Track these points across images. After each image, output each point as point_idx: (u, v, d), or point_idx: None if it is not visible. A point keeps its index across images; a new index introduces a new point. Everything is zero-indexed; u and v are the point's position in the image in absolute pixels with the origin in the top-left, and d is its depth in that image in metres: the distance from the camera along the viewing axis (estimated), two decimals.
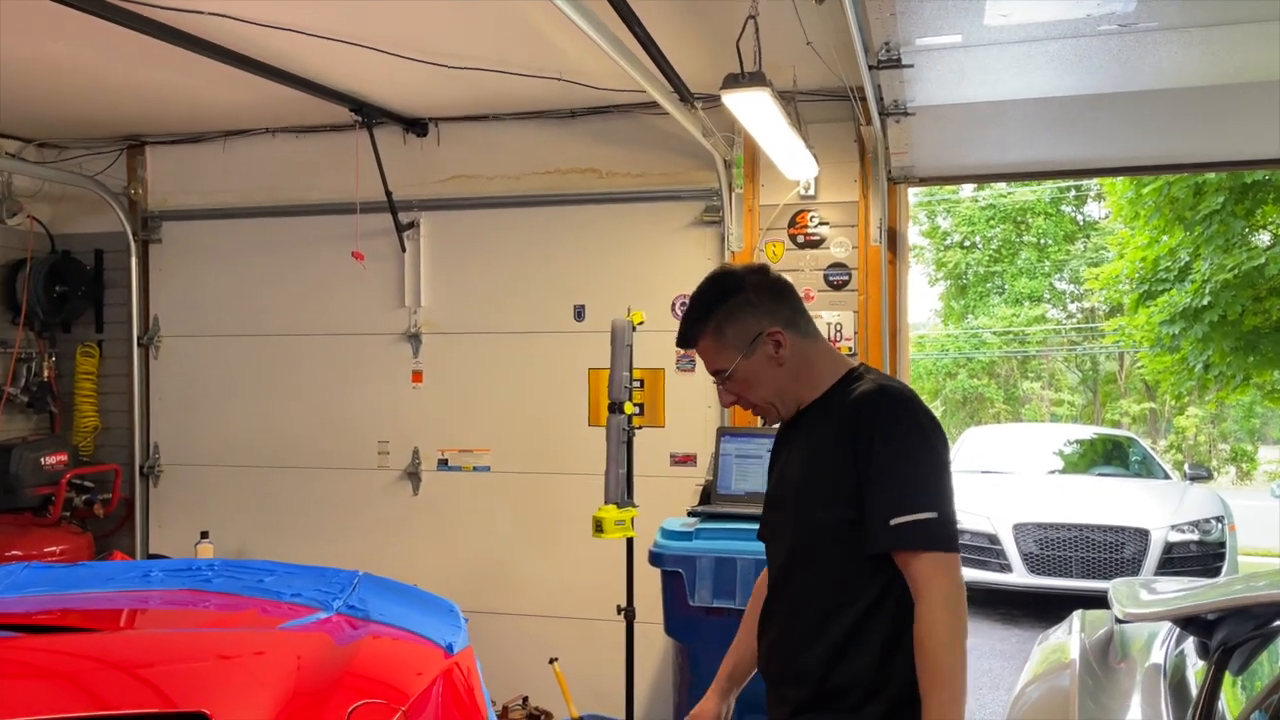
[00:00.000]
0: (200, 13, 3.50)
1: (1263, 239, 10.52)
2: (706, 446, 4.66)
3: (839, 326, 4.59)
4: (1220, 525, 7.78)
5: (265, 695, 1.83)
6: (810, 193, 4.64)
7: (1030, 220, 23.02)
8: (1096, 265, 18.99)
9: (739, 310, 1.97)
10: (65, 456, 5.16)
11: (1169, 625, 2.72)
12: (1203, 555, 7.60)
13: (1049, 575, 7.63)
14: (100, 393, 5.60)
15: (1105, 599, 2.93)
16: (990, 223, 23.10)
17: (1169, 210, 10.59)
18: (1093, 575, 7.43)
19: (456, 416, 5.15)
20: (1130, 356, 22.51)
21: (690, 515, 4.13)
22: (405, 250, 5.15)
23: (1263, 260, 9.87)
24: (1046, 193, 22.32)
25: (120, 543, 5.47)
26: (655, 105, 4.06)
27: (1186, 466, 9.76)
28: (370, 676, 2.07)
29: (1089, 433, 11.86)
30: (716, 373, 2.01)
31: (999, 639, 7.13)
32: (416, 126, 5.12)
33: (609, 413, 3.76)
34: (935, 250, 24.14)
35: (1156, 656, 2.64)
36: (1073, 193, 22.67)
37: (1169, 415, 24.86)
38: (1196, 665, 2.42)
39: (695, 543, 3.83)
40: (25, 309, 5.40)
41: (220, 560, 2.98)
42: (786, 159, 4.23)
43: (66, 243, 5.63)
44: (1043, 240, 23.16)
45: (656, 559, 3.85)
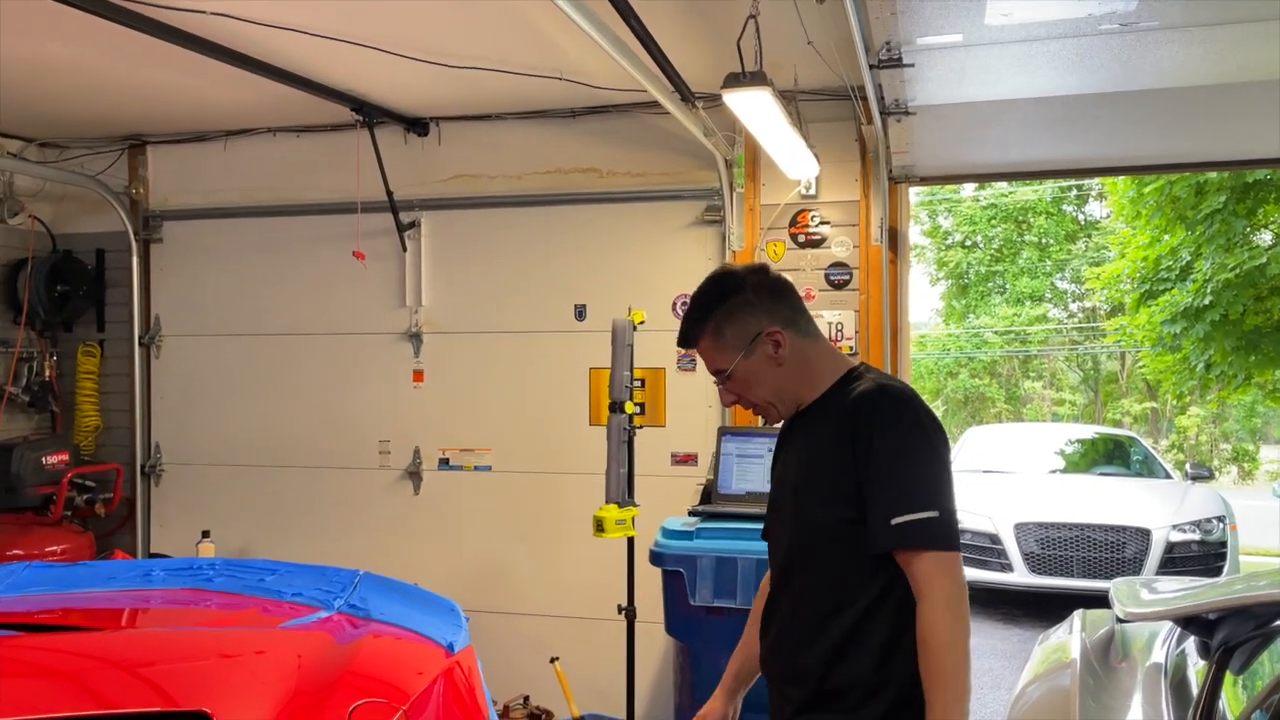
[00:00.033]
0: (202, 12, 3.50)
1: (1264, 238, 10.52)
2: (707, 446, 4.66)
3: (840, 326, 4.59)
4: (1222, 525, 7.77)
5: (266, 694, 1.83)
6: (811, 192, 4.65)
7: (1031, 219, 23.01)
8: (1098, 265, 18.99)
9: (739, 310, 1.97)
10: (66, 456, 5.16)
11: (1170, 625, 2.72)
12: (1204, 555, 7.59)
13: (1050, 575, 7.63)
14: (101, 392, 5.60)
15: (1106, 599, 2.93)
16: (991, 222, 23.09)
17: (1170, 210, 10.58)
18: (1094, 575, 7.42)
19: (457, 416, 5.15)
20: (1132, 356, 22.51)
21: (691, 515, 4.13)
22: (406, 250, 5.15)
23: (1264, 260, 9.87)
24: (1048, 192, 22.31)
25: (121, 542, 5.47)
26: (656, 105, 4.06)
27: (1188, 466, 9.74)
28: (371, 675, 2.07)
29: (1090, 432, 11.85)
30: (716, 372, 2.02)
31: (1000, 638, 7.13)
32: (418, 126, 5.13)
33: (610, 412, 3.76)
34: (936, 250, 24.15)
35: (1157, 656, 2.64)
36: (1074, 192, 22.66)
37: (1170, 415, 24.85)
38: (1197, 665, 2.42)
39: (696, 542, 3.83)
40: (27, 308, 5.41)
41: (221, 559, 2.98)
42: (787, 158, 4.23)
43: (68, 242, 5.64)
44: (1044, 240, 23.15)
45: (657, 558, 3.85)
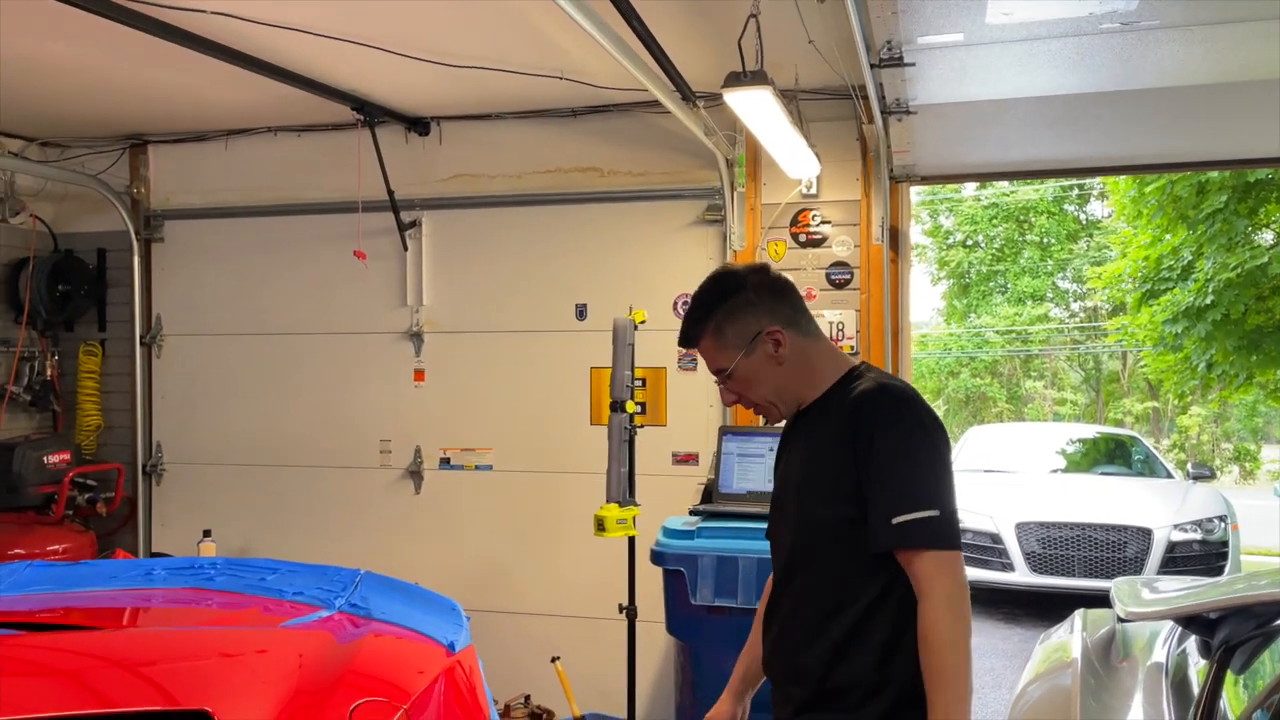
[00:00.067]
0: (203, 12, 3.50)
1: (1266, 238, 10.51)
2: (708, 445, 4.66)
3: (841, 325, 4.59)
4: (1223, 524, 7.77)
5: (267, 693, 1.84)
6: (812, 191, 4.64)
7: (1033, 219, 23.00)
8: (1099, 264, 18.97)
9: (739, 310, 1.97)
10: (68, 455, 5.17)
11: (1171, 624, 2.72)
12: (1205, 554, 7.59)
13: (1051, 574, 7.62)
14: (103, 391, 5.61)
15: (1108, 598, 2.93)
16: (993, 221, 23.08)
17: (1172, 209, 10.57)
18: (1095, 574, 7.42)
19: (458, 415, 5.15)
20: (1133, 355, 22.50)
21: (692, 514, 4.12)
22: (407, 249, 5.15)
23: (1266, 259, 9.86)
24: (1049, 191, 22.30)
25: (123, 541, 5.48)
26: (657, 104, 4.06)
27: (1189, 466, 9.76)
28: (372, 675, 2.07)
29: (1092, 432, 11.85)
30: (717, 372, 2.02)
31: (1001, 638, 7.13)
32: (419, 125, 5.13)
33: (611, 411, 3.77)
34: (938, 249, 24.14)
35: (1158, 655, 2.64)
36: (1075, 191, 22.64)
37: (1172, 414, 24.83)
38: (1198, 664, 2.42)
39: (697, 541, 3.83)
40: (28, 308, 5.42)
41: (223, 559, 2.99)
42: (788, 158, 4.23)
43: (69, 242, 5.64)
44: (1045, 239, 23.13)
45: (658, 558, 3.85)
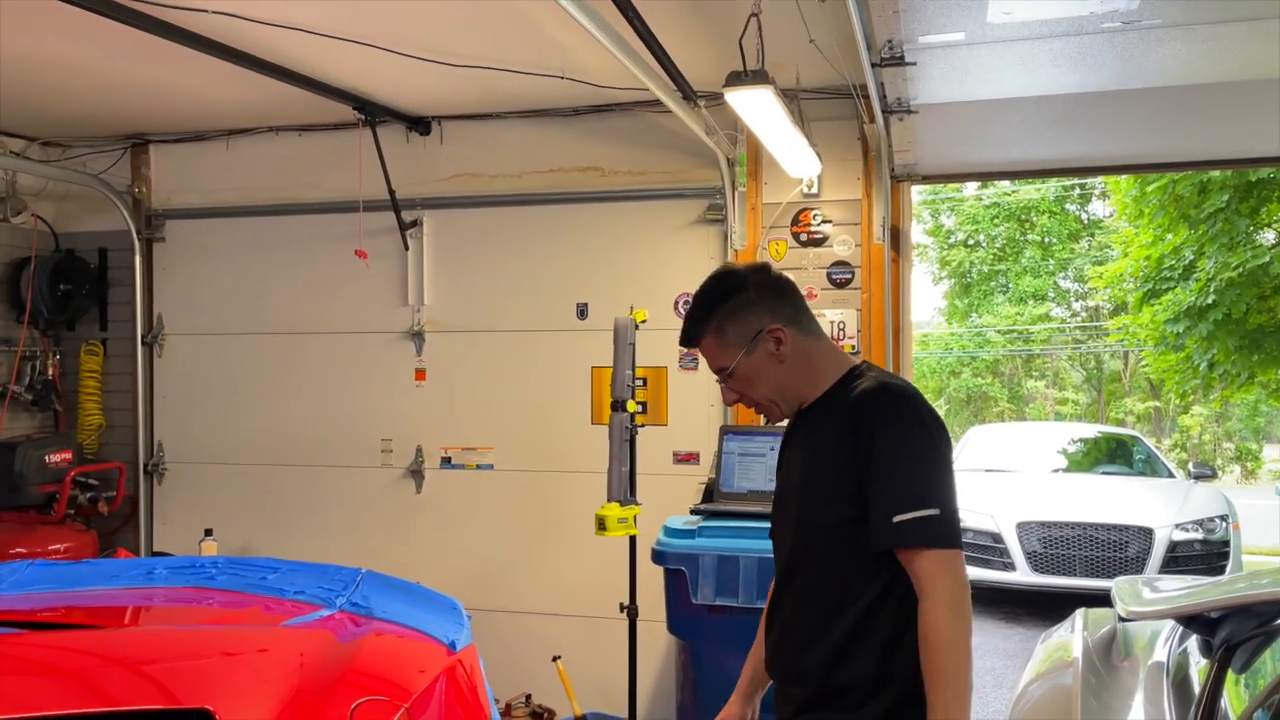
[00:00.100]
0: (204, 11, 3.50)
1: (1267, 237, 10.51)
2: (709, 445, 4.66)
3: (842, 325, 4.59)
4: (1224, 524, 7.77)
5: (269, 692, 1.84)
6: (813, 191, 4.64)
7: (1034, 218, 22.98)
8: (1101, 264, 18.98)
9: (740, 309, 1.97)
10: (70, 454, 5.17)
11: (1172, 624, 2.71)
12: (1207, 554, 7.59)
13: (1053, 574, 7.62)
14: (104, 391, 5.62)
15: (1109, 597, 2.92)
16: (994, 221, 23.07)
17: (1173, 208, 10.57)
18: (1096, 574, 7.42)
19: (459, 415, 5.15)
20: (1134, 355, 22.48)
21: (693, 513, 4.12)
22: (408, 248, 5.15)
23: (1267, 259, 9.86)
24: (1050, 191, 22.28)
25: (124, 540, 5.48)
26: (658, 103, 4.06)
27: (1191, 465, 9.76)
28: (373, 674, 2.08)
29: (1093, 431, 11.84)
30: (718, 371, 2.02)
31: (1002, 637, 7.12)
32: (420, 125, 5.13)
33: (612, 411, 3.77)
34: (939, 249, 24.13)
35: (1159, 655, 2.64)
36: (1077, 191, 22.63)
37: (1173, 414, 24.80)
38: (1199, 663, 2.42)
39: (698, 541, 3.83)
40: (30, 307, 5.42)
41: (224, 558, 2.99)
42: (789, 157, 4.22)
43: (71, 241, 5.65)
44: (1047, 238, 23.11)
45: (659, 557, 3.85)
